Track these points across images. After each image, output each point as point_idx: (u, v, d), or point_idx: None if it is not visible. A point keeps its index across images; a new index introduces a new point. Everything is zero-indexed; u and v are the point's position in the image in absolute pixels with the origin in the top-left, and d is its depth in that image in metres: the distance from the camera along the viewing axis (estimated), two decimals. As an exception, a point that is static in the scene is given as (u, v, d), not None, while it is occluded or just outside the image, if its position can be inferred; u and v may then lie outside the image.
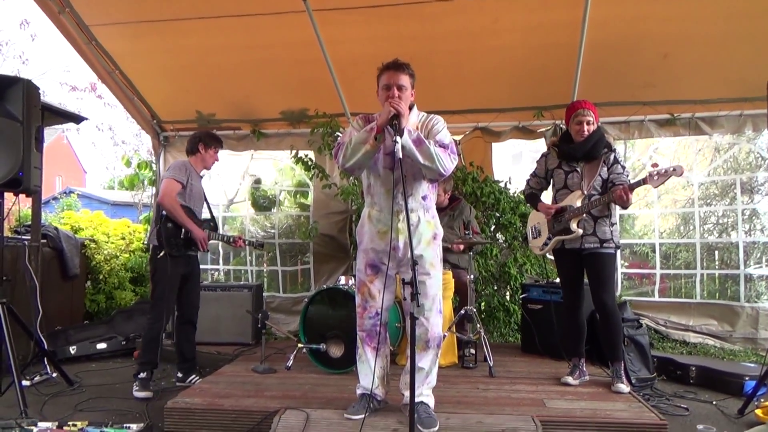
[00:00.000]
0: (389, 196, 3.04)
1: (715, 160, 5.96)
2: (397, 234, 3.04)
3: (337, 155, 3.10)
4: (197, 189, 4.31)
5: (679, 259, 6.37)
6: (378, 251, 3.11)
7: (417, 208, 3.10)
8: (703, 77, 5.24)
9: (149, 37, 5.15)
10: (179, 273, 4.16)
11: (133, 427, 3.01)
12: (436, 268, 3.14)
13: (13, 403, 3.52)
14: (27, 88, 3.72)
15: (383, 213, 3.08)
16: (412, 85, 3.07)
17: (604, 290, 3.76)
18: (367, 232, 3.16)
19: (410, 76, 3.06)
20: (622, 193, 3.54)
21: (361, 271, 3.20)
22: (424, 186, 3.11)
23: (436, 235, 3.17)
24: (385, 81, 3.04)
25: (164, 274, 4.08)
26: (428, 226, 3.13)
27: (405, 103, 2.97)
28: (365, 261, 3.17)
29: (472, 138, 6.10)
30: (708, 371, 4.34)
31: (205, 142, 4.34)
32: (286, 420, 3.09)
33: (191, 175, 4.24)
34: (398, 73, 3.02)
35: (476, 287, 5.58)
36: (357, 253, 3.28)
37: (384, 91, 3.03)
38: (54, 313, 5.35)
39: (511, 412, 3.24)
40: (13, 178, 3.66)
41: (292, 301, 6.35)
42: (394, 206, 3.01)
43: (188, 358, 4.34)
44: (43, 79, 18.03)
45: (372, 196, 3.17)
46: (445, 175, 3.03)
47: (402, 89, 3.00)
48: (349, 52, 5.19)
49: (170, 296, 4.18)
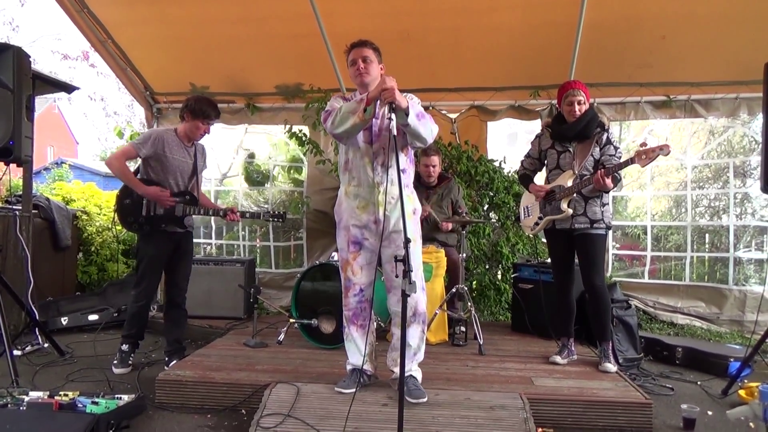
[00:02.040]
0: (368, 168, 3.08)
1: (710, 143, 5.97)
2: (376, 207, 3.06)
3: (326, 121, 3.11)
4: (176, 161, 3.93)
5: (670, 242, 6.42)
6: (359, 226, 3.14)
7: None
8: (701, 59, 5.22)
9: (143, 5, 5.08)
10: (160, 251, 3.95)
11: (124, 398, 3.02)
12: (417, 242, 3.18)
13: (4, 373, 3.54)
14: (18, 56, 3.67)
15: (362, 187, 3.12)
16: (378, 59, 3.14)
17: (593, 271, 3.79)
18: (345, 209, 3.19)
19: (374, 50, 3.13)
20: (600, 177, 3.56)
21: (344, 249, 3.22)
22: (402, 159, 3.10)
23: (415, 210, 3.22)
24: (351, 57, 3.13)
25: (143, 253, 3.96)
26: (408, 200, 3.14)
27: (372, 74, 3.08)
28: (347, 238, 3.19)
29: (468, 116, 6.07)
30: (694, 352, 4.40)
31: (192, 111, 3.90)
32: (277, 393, 3.12)
33: (165, 145, 3.87)
34: (361, 48, 3.11)
35: (468, 266, 5.61)
36: (337, 232, 3.29)
37: (351, 66, 3.13)
38: (45, 283, 5.33)
39: (499, 389, 3.28)
40: (4, 147, 3.63)
41: (284, 277, 6.37)
42: (374, 178, 3.06)
43: (170, 341, 4.09)
44: (34, 46, 17.81)
45: (350, 171, 3.18)
46: (430, 142, 3.09)
47: (367, 60, 3.08)
48: (346, 26, 5.11)
49: (150, 275, 3.98)
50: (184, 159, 3.98)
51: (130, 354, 4.02)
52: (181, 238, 4.04)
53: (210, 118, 3.95)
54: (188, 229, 4.09)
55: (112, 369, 3.95)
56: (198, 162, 4.08)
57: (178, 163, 3.95)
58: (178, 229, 3.98)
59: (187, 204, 3.95)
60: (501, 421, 2.84)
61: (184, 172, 4.00)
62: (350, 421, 2.74)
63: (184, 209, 3.93)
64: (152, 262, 3.96)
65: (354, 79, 3.14)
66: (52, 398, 2.92)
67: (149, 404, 3.26)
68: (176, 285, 4.09)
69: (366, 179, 3.09)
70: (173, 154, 3.92)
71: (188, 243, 4.15)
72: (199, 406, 3.27)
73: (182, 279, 4.11)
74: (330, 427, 2.75)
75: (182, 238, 4.05)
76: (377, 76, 3.09)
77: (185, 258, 4.12)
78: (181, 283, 4.10)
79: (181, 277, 4.10)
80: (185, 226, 4.02)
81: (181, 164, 3.97)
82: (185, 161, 3.99)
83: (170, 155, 3.90)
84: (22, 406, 2.86)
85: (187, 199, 3.98)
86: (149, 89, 6.24)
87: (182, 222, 3.97)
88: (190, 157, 4.03)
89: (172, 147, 3.92)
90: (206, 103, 3.95)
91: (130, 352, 4.02)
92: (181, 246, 4.06)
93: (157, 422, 3.08)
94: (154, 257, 3.95)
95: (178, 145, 3.95)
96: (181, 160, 3.97)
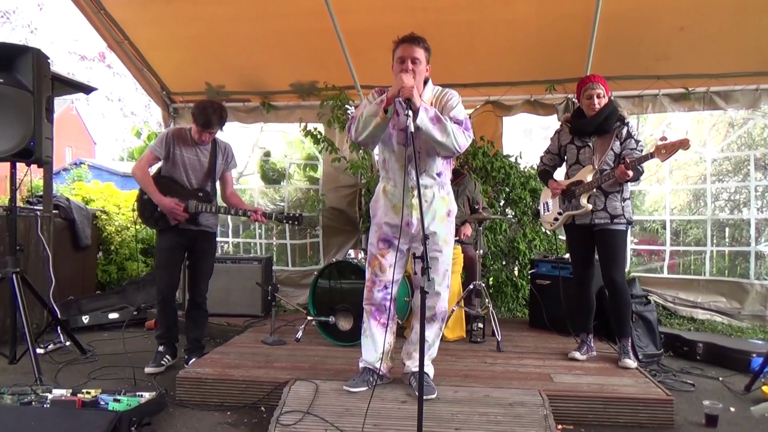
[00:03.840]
0: (403, 171, 3.03)
1: (729, 135, 5.89)
2: (410, 210, 3.04)
3: (350, 129, 3.08)
4: (184, 158, 3.92)
5: (689, 236, 6.35)
6: (392, 225, 3.11)
7: (431, 185, 3.10)
8: (719, 50, 5.13)
9: (158, 5, 5.12)
10: (174, 248, 3.96)
11: (145, 396, 3.05)
12: (449, 244, 3.16)
13: (28, 371, 3.60)
14: (37, 58, 3.70)
15: (397, 188, 3.08)
16: (427, 59, 3.04)
17: (613, 267, 3.75)
18: (381, 206, 3.17)
19: (425, 50, 3.03)
20: (624, 169, 3.51)
21: (373, 245, 3.20)
22: (438, 162, 3.09)
23: (450, 212, 3.17)
24: (400, 54, 3.00)
25: (157, 248, 4.02)
26: (443, 203, 3.13)
27: (420, 77, 2.96)
28: (378, 235, 3.18)
29: (483, 112, 6.04)
30: (715, 348, 4.34)
31: (194, 117, 3.87)
32: (296, 390, 3.14)
33: (175, 142, 3.89)
34: (413, 46, 2.98)
35: (485, 262, 5.59)
36: (370, 226, 3.29)
37: (398, 64, 3.00)
38: (66, 282, 5.41)
39: (518, 386, 3.27)
40: (25, 148, 3.66)
41: (301, 274, 6.39)
42: (408, 182, 3.00)
43: (189, 339, 4.08)
44: (52, 48, 18.01)
45: (387, 171, 3.17)
46: (459, 152, 3.01)
47: (416, 62, 2.97)
48: (360, 22, 5.12)
49: (161, 270, 3.99)
50: (195, 157, 3.96)
51: (164, 355, 4.01)
52: (197, 237, 3.98)
53: (209, 127, 3.85)
54: (204, 229, 4.00)
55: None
56: (218, 161, 4.03)
57: (189, 160, 3.94)
58: (192, 227, 3.93)
59: (200, 201, 3.89)
60: (520, 418, 2.82)
61: (196, 170, 3.97)
62: (369, 418, 2.73)
63: (196, 206, 3.86)
64: (163, 257, 3.97)
65: (396, 75, 2.94)
66: (75, 396, 2.96)
67: (170, 402, 3.29)
68: (196, 285, 4.08)
69: (400, 181, 3.06)
70: (183, 152, 3.91)
71: (206, 242, 4.07)
72: (219, 403, 3.30)
73: (202, 279, 4.08)
74: (349, 424, 2.75)
75: (198, 237, 3.99)
76: (421, 79, 3.01)
77: (204, 258, 4.08)
78: (201, 283, 4.08)
79: (201, 278, 4.08)
80: (199, 224, 3.95)
81: (191, 162, 3.95)
82: (196, 159, 3.97)
83: (179, 152, 3.90)
84: (45, 403, 2.90)
85: (200, 197, 3.93)
86: (165, 89, 6.29)
87: (195, 220, 3.92)
88: (204, 155, 3.99)
89: (183, 145, 3.91)
90: (210, 110, 3.84)
91: (165, 352, 4.02)
92: (197, 245, 4.01)
93: (178, 419, 3.11)
94: (164, 252, 3.96)
95: (190, 143, 3.94)
96: (192, 158, 3.95)
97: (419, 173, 2.85)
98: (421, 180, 2.87)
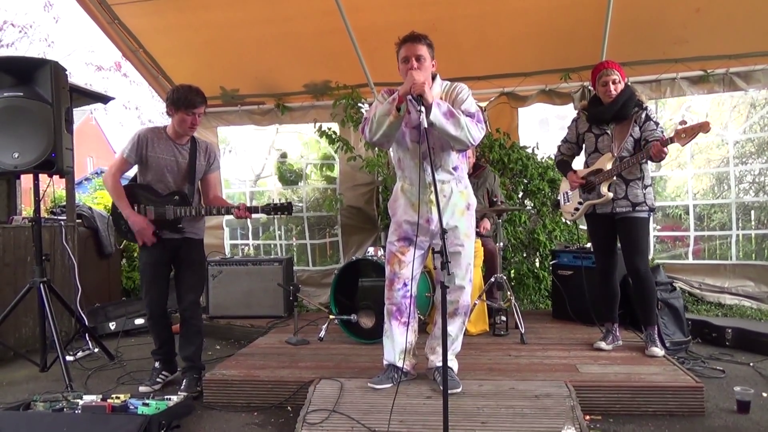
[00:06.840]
0: (418, 168, 3.02)
1: (751, 116, 5.77)
2: (429, 206, 3.04)
3: (363, 130, 3.10)
4: (159, 160, 3.56)
5: (714, 220, 6.24)
6: (411, 223, 3.10)
7: (449, 180, 3.09)
8: (738, 30, 5.02)
9: (170, 13, 5.16)
10: (158, 261, 3.63)
11: (173, 399, 3.09)
12: (471, 238, 3.16)
13: (58, 378, 3.67)
14: (55, 70, 3.75)
15: (414, 186, 3.07)
16: (431, 55, 3.04)
17: (637, 255, 3.70)
18: (400, 205, 3.17)
19: (428, 46, 3.03)
20: (660, 146, 3.41)
21: (393, 243, 3.21)
22: (453, 156, 3.09)
23: (469, 205, 3.16)
24: (404, 54, 3.02)
25: (140, 263, 3.77)
26: (461, 197, 3.13)
27: (426, 72, 2.95)
28: (398, 233, 3.18)
29: (498, 104, 6.00)
30: (745, 333, 4.27)
31: (174, 103, 3.52)
32: (322, 389, 3.15)
33: (148, 143, 3.53)
34: (416, 45, 2.99)
35: (505, 255, 5.56)
36: (390, 225, 3.29)
37: (403, 64, 3.02)
38: (92, 290, 5.49)
39: (544, 378, 3.24)
40: (46, 159, 3.71)
41: (321, 274, 6.42)
42: (425, 178, 3.00)
43: (182, 358, 3.71)
44: (69, 60, 18.28)
45: (403, 170, 3.17)
46: (473, 145, 3.02)
47: (421, 60, 2.97)
48: (370, 19, 5.11)
49: (147, 285, 3.67)
50: (172, 158, 3.60)
51: (160, 372, 3.76)
52: (181, 246, 3.65)
53: (194, 106, 3.50)
54: (189, 236, 3.67)
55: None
56: (198, 161, 3.67)
57: (165, 162, 3.58)
58: (174, 235, 3.61)
59: (177, 206, 3.57)
60: (547, 410, 2.80)
61: (174, 172, 3.61)
62: (395, 415, 2.74)
63: (175, 211, 3.56)
64: (147, 273, 3.68)
65: (404, 76, 2.96)
66: (105, 401, 3.00)
67: (197, 404, 3.33)
68: (182, 298, 3.67)
69: (417, 178, 3.06)
70: (157, 153, 3.56)
71: (192, 251, 3.71)
72: (246, 405, 3.32)
73: (188, 291, 3.67)
74: (375, 420, 2.76)
75: (183, 246, 3.66)
76: (429, 75, 3.01)
77: (190, 268, 3.70)
78: (187, 295, 3.66)
79: (187, 290, 3.67)
80: (182, 231, 3.61)
81: (168, 163, 3.59)
82: (173, 160, 3.61)
83: (153, 154, 3.55)
84: (77, 409, 2.94)
85: (176, 200, 3.59)
86: (181, 95, 6.34)
87: (175, 226, 3.59)
88: (182, 156, 3.64)
89: (157, 145, 3.56)
90: (186, 90, 3.53)
91: (161, 369, 3.77)
92: (181, 254, 3.66)
93: (206, 421, 3.14)
94: (148, 267, 3.66)
95: (165, 143, 3.59)
96: (168, 159, 3.59)
97: (435, 169, 2.86)
98: (437, 175, 2.89)
